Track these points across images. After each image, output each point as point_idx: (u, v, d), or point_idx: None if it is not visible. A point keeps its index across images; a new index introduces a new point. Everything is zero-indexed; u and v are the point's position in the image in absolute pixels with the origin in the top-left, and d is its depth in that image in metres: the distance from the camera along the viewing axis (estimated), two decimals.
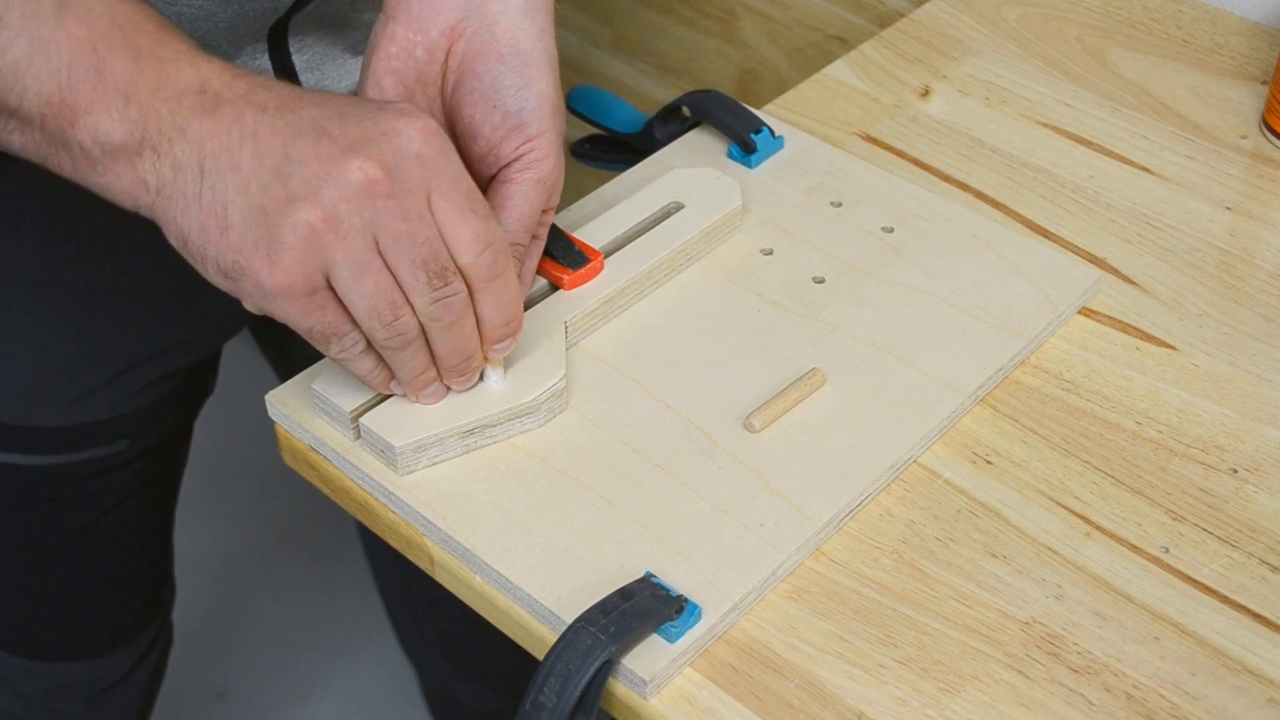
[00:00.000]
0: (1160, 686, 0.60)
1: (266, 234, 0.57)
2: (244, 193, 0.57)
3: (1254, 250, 0.82)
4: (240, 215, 0.58)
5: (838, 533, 0.66)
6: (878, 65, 0.95)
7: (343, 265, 0.58)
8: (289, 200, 0.57)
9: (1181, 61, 0.96)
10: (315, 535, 1.79)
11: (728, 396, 0.70)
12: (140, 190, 0.58)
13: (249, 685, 1.66)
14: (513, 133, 0.66)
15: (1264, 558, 0.66)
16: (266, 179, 0.57)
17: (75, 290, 0.87)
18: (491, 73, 0.67)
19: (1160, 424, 0.72)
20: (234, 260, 0.58)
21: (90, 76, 0.57)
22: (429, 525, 0.65)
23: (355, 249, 0.58)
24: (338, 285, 0.59)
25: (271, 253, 0.58)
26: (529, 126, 0.66)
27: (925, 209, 0.81)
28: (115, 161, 0.58)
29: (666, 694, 0.60)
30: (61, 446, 0.92)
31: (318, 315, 0.60)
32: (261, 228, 0.57)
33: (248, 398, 1.11)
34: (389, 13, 0.68)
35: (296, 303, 0.59)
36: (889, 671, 0.61)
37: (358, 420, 0.67)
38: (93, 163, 0.58)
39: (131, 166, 0.58)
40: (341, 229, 0.58)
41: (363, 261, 0.59)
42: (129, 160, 0.58)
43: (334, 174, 0.58)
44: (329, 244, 0.58)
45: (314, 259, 0.58)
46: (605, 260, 0.74)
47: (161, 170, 0.58)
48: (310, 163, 0.58)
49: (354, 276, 0.59)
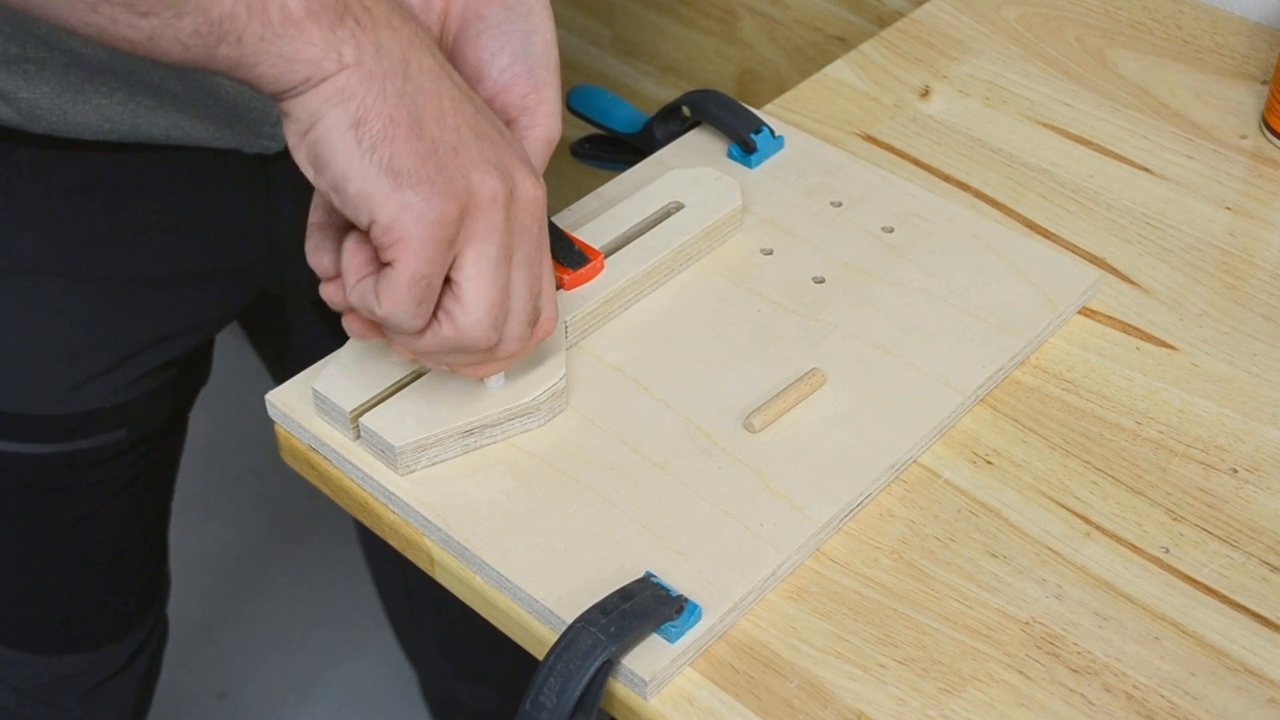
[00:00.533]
0: (1160, 687, 0.60)
1: (455, 168, 0.56)
2: (439, 122, 0.56)
3: (1254, 250, 0.82)
4: (434, 137, 0.56)
5: (838, 533, 0.66)
6: (878, 65, 0.95)
7: (495, 245, 0.58)
8: (483, 159, 0.57)
9: (1181, 61, 0.96)
10: (315, 535, 1.79)
11: (728, 396, 0.70)
12: (328, 57, 0.54)
13: (249, 685, 1.66)
14: (520, 78, 0.66)
15: (1264, 558, 0.66)
16: (462, 127, 0.57)
17: (75, 278, 0.87)
18: (498, 16, 0.66)
19: (1160, 424, 0.72)
20: (413, 167, 0.56)
21: None
22: (429, 525, 0.65)
23: (512, 242, 0.59)
24: (477, 260, 0.58)
25: (453, 183, 0.56)
26: (537, 72, 0.66)
27: (925, 209, 0.81)
28: (311, 23, 0.54)
29: (666, 694, 0.60)
30: (61, 435, 0.92)
31: (436, 263, 0.57)
32: (453, 161, 0.56)
33: (247, 397, 1.11)
34: None
35: (435, 237, 0.56)
36: (889, 671, 0.61)
37: (358, 420, 0.67)
38: (281, 28, 0.54)
39: (329, 29, 0.54)
40: (512, 217, 0.59)
41: (509, 258, 0.59)
42: (330, 24, 0.54)
43: (520, 174, 0.59)
44: (499, 218, 0.58)
45: (482, 219, 0.58)
46: (605, 260, 0.74)
47: (364, 45, 0.55)
48: (501, 145, 0.58)
49: (498, 262, 0.59)
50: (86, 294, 0.88)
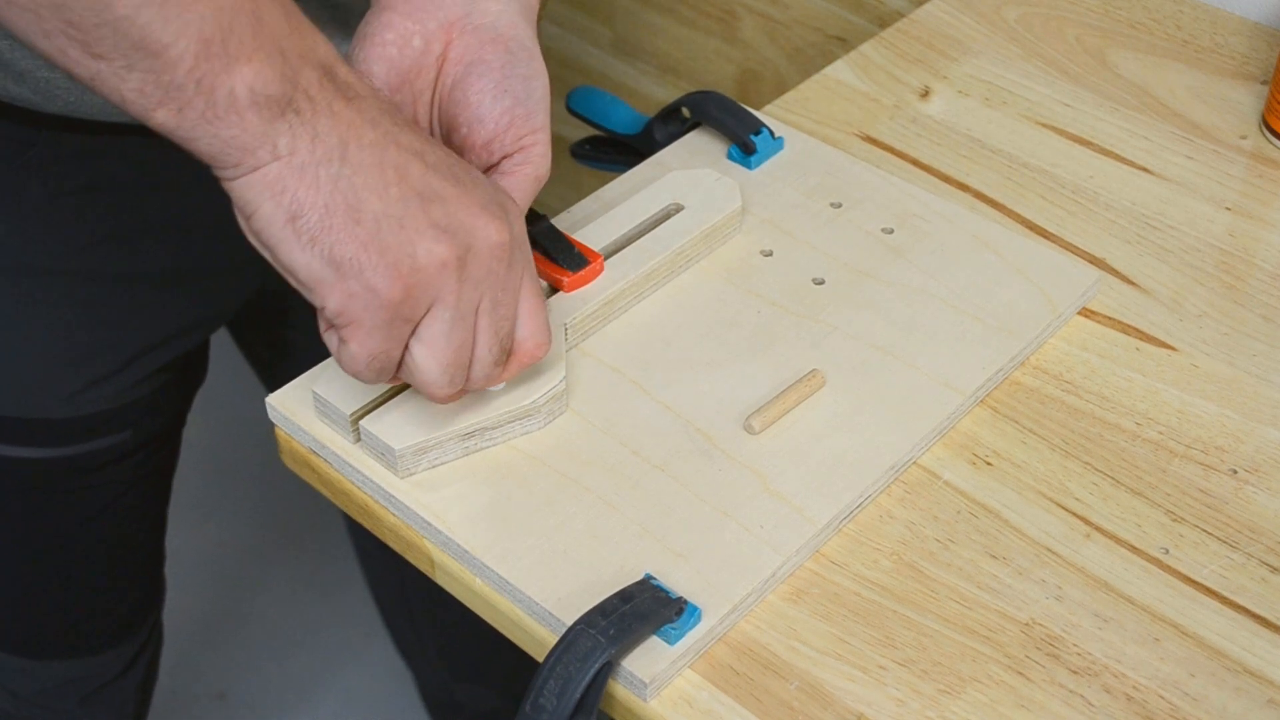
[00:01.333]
0: (1160, 688, 0.60)
1: (398, 245, 0.57)
2: (382, 196, 0.57)
3: (1254, 250, 0.82)
4: (374, 216, 0.56)
5: (837, 534, 0.66)
6: (878, 65, 0.95)
7: (450, 309, 0.59)
8: (430, 226, 0.57)
9: (1181, 61, 0.96)
10: (314, 535, 1.79)
11: (727, 398, 0.70)
12: (263, 147, 0.55)
13: (249, 685, 1.66)
14: (519, 120, 0.67)
15: (1264, 558, 0.66)
16: (408, 195, 0.57)
17: (82, 278, 0.87)
18: (500, 60, 0.67)
19: (1160, 424, 0.72)
20: (353, 255, 0.56)
21: (251, 24, 0.54)
22: (429, 528, 0.65)
23: (466, 301, 0.59)
24: (429, 325, 0.59)
25: (398, 264, 0.57)
26: (535, 116, 0.67)
27: (925, 210, 0.81)
28: (253, 113, 0.54)
29: (666, 696, 0.60)
30: (66, 438, 0.92)
31: (391, 340, 0.59)
32: (395, 237, 0.57)
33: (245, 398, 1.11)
34: (385, 2, 0.68)
35: (386, 320, 0.58)
36: (889, 673, 0.61)
37: (358, 423, 0.67)
38: (224, 111, 0.54)
39: (267, 123, 0.55)
40: (466, 276, 0.59)
41: (466, 315, 0.60)
42: (269, 117, 0.55)
43: (477, 225, 0.59)
44: (450, 284, 0.58)
45: (431, 290, 0.58)
46: (605, 262, 0.74)
47: (299, 136, 0.55)
48: (453, 202, 0.58)
49: (452, 324, 0.59)
50: (94, 294, 0.88)
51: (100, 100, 0.80)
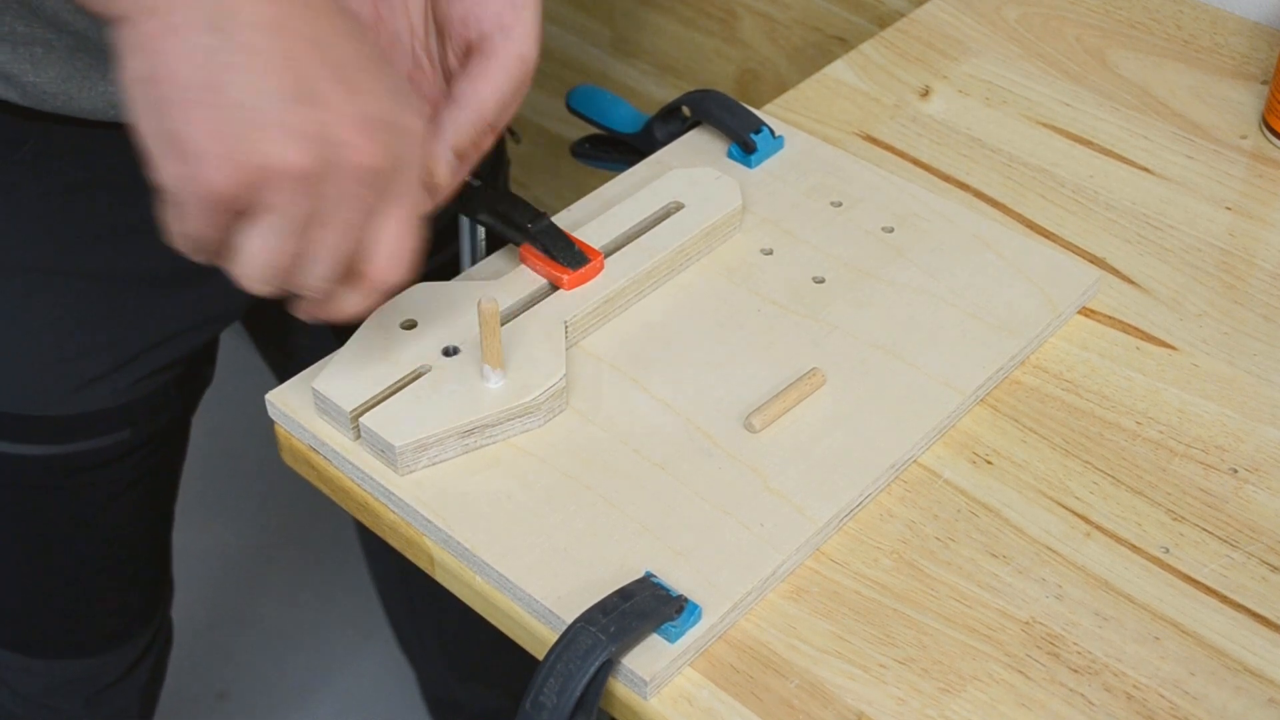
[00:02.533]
0: (1160, 687, 0.60)
1: (249, 139, 0.52)
2: (253, 86, 0.52)
3: (1254, 250, 0.82)
4: (235, 104, 0.52)
5: (838, 532, 0.66)
6: (878, 65, 0.95)
7: (286, 219, 0.55)
8: (293, 131, 0.53)
9: (1181, 61, 0.96)
10: (315, 535, 1.79)
11: (728, 396, 0.70)
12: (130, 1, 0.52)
13: (249, 685, 1.66)
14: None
15: (1264, 558, 0.66)
16: (283, 90, 0.53)
17: (79, 276, 0.87)
18: None
19: (1160, 424, 0.72)
20: (198, 139, 0.52)
21: None
22: (429, 525, 0.65)
23: (308, 215, 0.55)
24: (260, 226, 0.55)
25: (241, 162, 0.52)
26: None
27: (925, 209, 0.81)
28: None
29: (666, 694, 0.60)
30: (65, 436, 0.92)
31: (214, 228, 0.55)
32: (248, 129, 0.52)
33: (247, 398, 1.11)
34: None
35: (210, 210, 0.54)
36: (889, 671, 0.61)
37: (358, 420, 0.67)
38: None
39: None
40: (317, 191, 0.54)
41: (304, 229, 0.55)
42: None
43: (349, 140, 0.54)
44: (293, 195, 0.54)
45: (269, 193, 0.54)
46: (605, 260, 0.74)
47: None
48: (333, 110, 0.53)
49: (284, 235, 0.55)
50: (91, 293, 0.88)
51: (90, 101, 0.81)
